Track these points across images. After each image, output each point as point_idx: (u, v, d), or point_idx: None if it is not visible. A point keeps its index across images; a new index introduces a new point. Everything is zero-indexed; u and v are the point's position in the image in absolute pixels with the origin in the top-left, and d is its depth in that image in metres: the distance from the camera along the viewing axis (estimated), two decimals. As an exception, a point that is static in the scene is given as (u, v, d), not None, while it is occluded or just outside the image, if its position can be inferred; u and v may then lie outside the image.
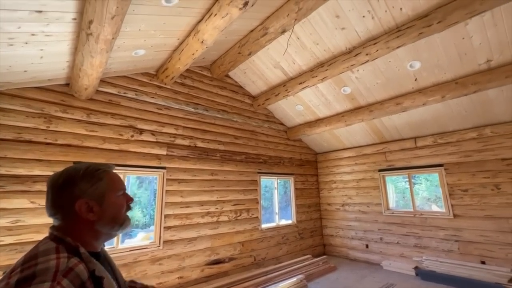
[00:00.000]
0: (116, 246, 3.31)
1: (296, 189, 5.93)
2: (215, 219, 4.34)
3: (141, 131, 3.77)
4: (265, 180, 5.51)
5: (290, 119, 5.82)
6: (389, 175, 5.36)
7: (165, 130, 4.04)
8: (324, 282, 4.31)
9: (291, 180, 5.92)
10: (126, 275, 3.28)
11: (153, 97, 4.00)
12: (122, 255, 3.31)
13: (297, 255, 5.49)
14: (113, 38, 2.16)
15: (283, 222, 5.57)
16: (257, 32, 3.67)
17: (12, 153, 2.78)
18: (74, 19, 2.09)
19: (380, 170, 5.42)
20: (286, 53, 4.17)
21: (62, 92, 3.20)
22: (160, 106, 4.07)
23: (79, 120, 3.27)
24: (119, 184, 0.82)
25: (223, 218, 4.46)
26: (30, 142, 2.91)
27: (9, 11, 1.79)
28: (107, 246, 3.31)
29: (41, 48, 2.33)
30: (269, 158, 5.50)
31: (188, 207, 4.05)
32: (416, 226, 4.78)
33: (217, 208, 4.40)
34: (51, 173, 2.97)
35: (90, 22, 1.96)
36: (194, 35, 3.07)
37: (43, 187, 2.90)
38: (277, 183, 5.58)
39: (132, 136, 3.66)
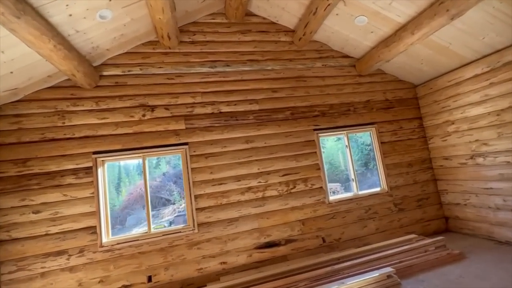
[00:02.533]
0: (149, 231, 3.18)
1: (382, 143, 4.15)
2: (259, 194, 3.55)
3: (153, 108, 3.39)
4: (327, 139, 4.10)
5: (355, 44, 3.96)
6: None
7: (180, 101, 3.50)
8: (433, 282, 2.71)
9: (372, 132, 4.17)
10: (163, 260, 3.12)
11: (160, 67, 3.51)
12: (156, 240, 3.14)
13: (395, 233, 3.90)
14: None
15: (366, 191, 4.04)
16: None
17: (41, 152, 3.01)
18: (-43, -13, 1.71)
19: (551, 84, 2.82)
20: None
21: (70, 86, 3.20)
22: (171, 75, 3.53)
23: (90, 110, 3.21)
24: None
25: (271, 192, 3.59)
26: (52, 140, 3.06)
27: None
28: (141, 231, 3.24)
29: (-14, 41, 2.18)
30: (329, 108, 4.01)
31: (221, 184, 3.45)
32: None
33: (260, 182, 3.57)
34: (76, 167, 3.07)
35: None
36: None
37: (71, 180, 3.03)
38: (348, 140, 4.04)
39: (143, 115, 3.35)
